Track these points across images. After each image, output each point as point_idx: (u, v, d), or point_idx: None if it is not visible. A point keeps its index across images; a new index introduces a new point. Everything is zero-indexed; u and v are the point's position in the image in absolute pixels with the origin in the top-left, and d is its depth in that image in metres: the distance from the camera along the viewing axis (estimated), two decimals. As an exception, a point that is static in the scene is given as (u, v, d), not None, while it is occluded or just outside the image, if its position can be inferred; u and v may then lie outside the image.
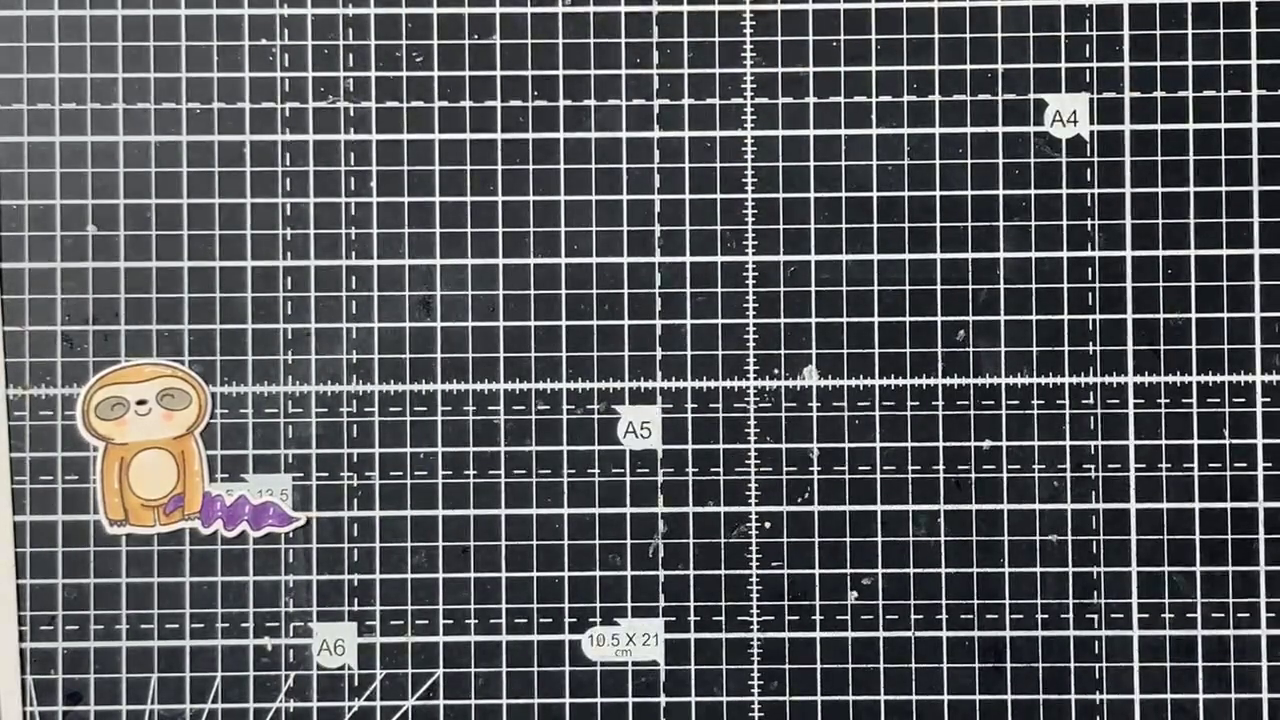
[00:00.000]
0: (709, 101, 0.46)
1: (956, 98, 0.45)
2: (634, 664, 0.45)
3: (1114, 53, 0.45)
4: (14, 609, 0.45)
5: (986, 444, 0.45)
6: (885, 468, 0.45)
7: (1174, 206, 0.45)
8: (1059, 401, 0.45)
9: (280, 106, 0.45)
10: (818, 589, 0.45)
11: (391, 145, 0.46)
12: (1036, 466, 0.45)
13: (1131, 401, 0.45)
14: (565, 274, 0.45)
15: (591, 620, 0.45)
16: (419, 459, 0.45)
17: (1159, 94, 0.45)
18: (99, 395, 0.45)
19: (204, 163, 0.45)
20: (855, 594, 0.45)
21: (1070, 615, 0.45)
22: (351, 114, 0.46)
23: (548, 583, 0.45)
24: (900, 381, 0.45)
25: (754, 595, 0.45)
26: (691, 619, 0.45)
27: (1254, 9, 0.45)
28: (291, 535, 0.45)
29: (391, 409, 0.45)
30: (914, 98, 0.45)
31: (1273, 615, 0.45)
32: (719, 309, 0.45)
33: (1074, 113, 0.45)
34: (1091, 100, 0.45)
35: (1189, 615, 0.45)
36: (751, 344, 0.45)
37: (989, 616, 0.45)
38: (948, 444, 0.45)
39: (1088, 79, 0.45)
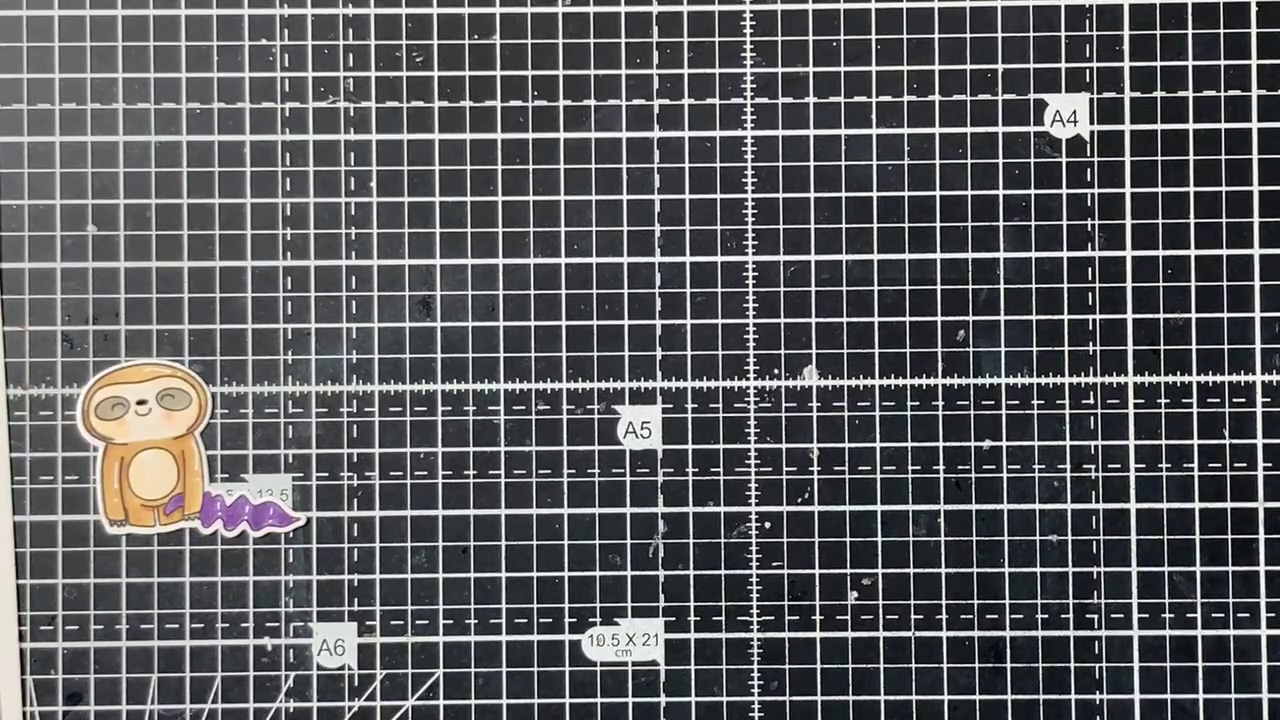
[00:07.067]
0: (709, 101, 0.46)
1: (956, 98, 0.45)
2: (634, 664, 0.45)
3: (1114, 53, 0.45)
4: (14, 609, 0.45)
5: (986, 444, 0.45)
6: (885, 468, 0.45)
7: (1174, 206, 0.45)
8: (1059, 401, 0.45)
9: (280, 106, 0.45)
10: (818, 589, 0.45)
11: (391, 145, 0.46)
12: (1036, 466, 0.45)
13: (1131, 401, 0.45)
14: (565, 274, 0.45)
15: (591, 620, 0.45)
16: (419, 459, 0.45)
17: (1159, 94, 0.45)
18: (99, 395, 0.45)
19: (204, 163, 0.45)
20: (855, 594, 0.45)
21: (1070, 615, 0.45)
22: (351, 114, 0.46)
23: (548, 583, 0.45)
24: (900, 381, 0.45)
25: (754, 595, 0.45)
26: (691, 619, 0.45)
27: (1254, 9, 0.45)
28: (291, 535, 0.45)
29: (391, 409, 0.45)
30: (914, 98, 0.45)
31: (1273, 615, 0.45)
32: (719, 309, 0.45)
33: (1074, 113, 0.45)
34: (1091, 100, 0.45)
35: (1189, 615, 0.45)
36: (751, 344, 0.45)
37: (989, 616, 0.45)
38: (948, 444, 0.45)
39: (1088, 79, 0.45)
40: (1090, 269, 0.45)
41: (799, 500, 0.45)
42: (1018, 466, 0.45)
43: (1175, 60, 0.45)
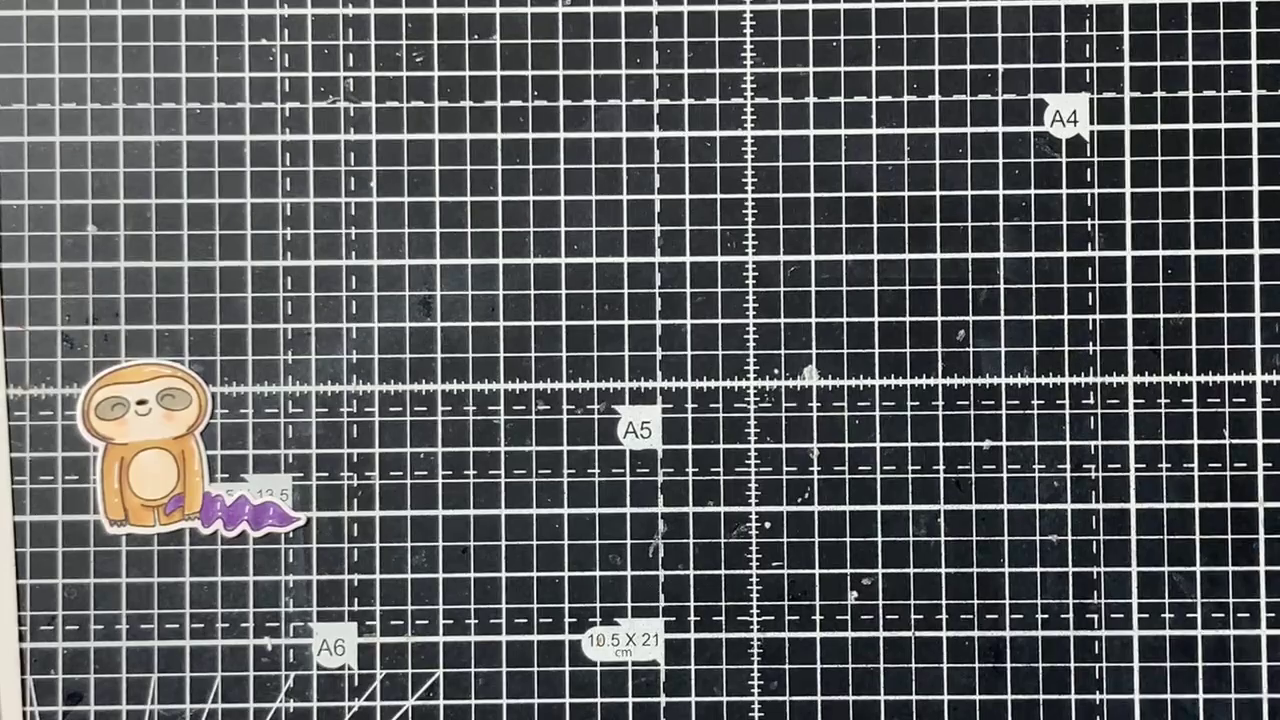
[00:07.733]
0: (709, 101, 0.46)
1: (956, 98, 0.45)
2: (634, 664, 0.45)
3: (1114, 53, 0.45)
4: (14, 609, 0.45)
5: (986, 444, 0.45)
6: (885, 468, 0.45)
7: (1174, 206, 0.45)
8: (1059, 401, 0.45)
9: (280, 106, 0.45)
10: (818, 589, 0.45)
11: (391, 145, 0.46)
12: (1036, 466, 0.45)
13: (1131, 401, 0.45)
14: (565, 274, 0.45)
15: (591, 620, 0.45)
16: (419, 459, 0.45)
17: (1159, 94, 0.45)
18: (99, 395, 0.45)
19: (204, 163, 0.45)
20: (855, 594, 0.45)
21: (1070, 615, 0.45)
22: (351, 114, 0.46)
23: (548, 583, 0.45)
24: (900, 381, 0.45)
25: (754, 595, 0.45)
26: (691, 619, 0.45)
27: (1254, 9, 0.45)
28: (291, 535, 0.45)
29: (391, 409, 0.45)
30: (914, 98, 0.45)
31: (1273, 615, 0.45)
32: (719, 309, 0.45)
33: (1074, 113, 0.45)
34: (1091, 100, 0.45)
35: (1189, 615, 0.45)
36: (751, 344, 0.45)
37: (989, 616, 0.45)
38: (948, 444, 0.45)
39: (1088, 79, 0.45)
40: (1090, 269, 0.45)
41: (799, 500, 0.45)
42: (1018, 466, 0.45)
43: (1175, 60, 0.45)
